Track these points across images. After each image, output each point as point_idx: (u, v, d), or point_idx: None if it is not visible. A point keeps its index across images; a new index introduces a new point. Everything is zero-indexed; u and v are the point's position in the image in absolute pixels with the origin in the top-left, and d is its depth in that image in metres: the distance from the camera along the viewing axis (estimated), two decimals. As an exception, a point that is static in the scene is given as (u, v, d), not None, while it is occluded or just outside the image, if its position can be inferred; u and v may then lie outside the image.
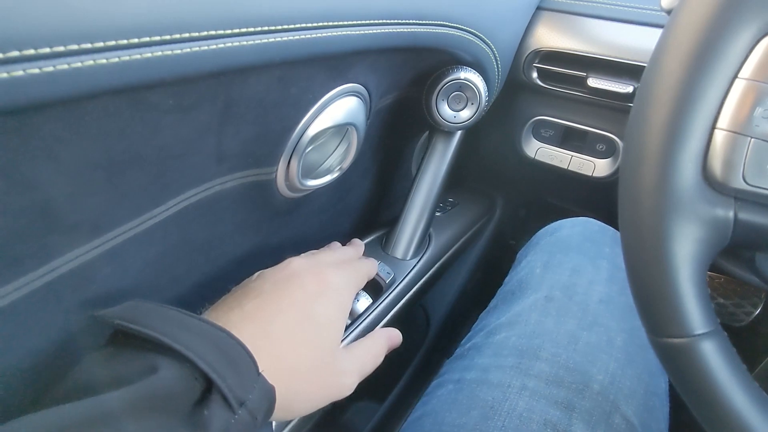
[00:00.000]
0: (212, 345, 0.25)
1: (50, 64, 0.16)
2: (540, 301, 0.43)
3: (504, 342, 0.41)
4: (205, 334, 0.26)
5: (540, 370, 0.38)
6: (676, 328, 0.25)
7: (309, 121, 0.34)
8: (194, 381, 0.24)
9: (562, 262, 0.46)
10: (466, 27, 0.41)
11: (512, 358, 0.39)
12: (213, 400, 0.24)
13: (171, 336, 0.24)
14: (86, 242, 0.25)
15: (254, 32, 0.24)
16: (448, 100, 0.45)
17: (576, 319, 0.41)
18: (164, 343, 0.24)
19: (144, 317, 0.25)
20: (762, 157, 0.23)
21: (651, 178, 0.24)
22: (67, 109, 0.19)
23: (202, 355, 0.24)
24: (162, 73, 0.20)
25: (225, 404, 0.24)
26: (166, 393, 0.23)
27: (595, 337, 0.39)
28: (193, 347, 0.24)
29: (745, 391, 0.25)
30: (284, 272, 0.34)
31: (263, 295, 0.32)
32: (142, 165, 0.25)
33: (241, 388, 0.25)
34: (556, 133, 0.60)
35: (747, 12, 0.22)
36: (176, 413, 0.23)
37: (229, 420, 0.24)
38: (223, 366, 0.24)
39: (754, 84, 0.23)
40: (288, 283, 0.33)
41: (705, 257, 0.25)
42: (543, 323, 0.41)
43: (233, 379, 0.24)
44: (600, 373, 0.37)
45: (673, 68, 0.23)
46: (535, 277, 0.46)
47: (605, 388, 0.37)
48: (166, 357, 0.24)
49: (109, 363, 0.24)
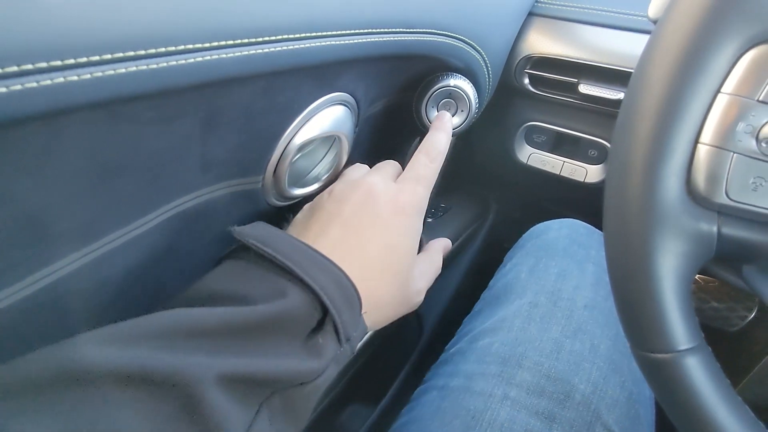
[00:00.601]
0: (333, 281, 0.28)
1: (18, 83, 0.16)
2: (525, 306, 0.43)
3: (487, 348, 0.41)
4: (327, 269, 0.28)
5: (522, 379, 0.38)
6: (660, 343, 0.25)
7: (295, 130, 0.34)
8: (314, 310, 0.26)
9: (549, 266, 0.46)
10: (456, 34, 0.41)
11: (495, 366, 0.39)
12: (327, 331, 0.27)
13: (300, 266, 0.27)
14: (70, 253, 0.25)
15: (236, 44, 0.24)
16: (438, 107, 0.45)
17: (560, 326, 0.41)
18: (294, 272, 0.26)
19: (275, 242, 0.28)
20: (744, 173, 0.23)
21: (635, 192, 0.24)
22: (45, 123, 0.19)
23: (325, 289, 0.27)
24: (140, 87, 0.20)
25: (335, 336, 0.27)
26: (292, 317, 0.25)
27: (579, 345, 0.39)
28: (318, 280, 0.27)
29: (729, 407, 0.25)
30: (360, 192, 0.34)
31: (345, 222, 0.33)
32: (125, 176, 0.25)
33: (351, 325, 0.28)
34: (549, 138, 0.60)
35: (729, 27, 0.22)
36: (296, 336, 0.26)
37: (336, 350, 0.27)
38: (341, 302, 0.27)
39: (736, 99, 0.22)
40: (366, 206, 0.33)
41: (689, 271, 0.25)
42: (527, 330, 0.41)
43: (346, 315, 0.27)
44: (582, 382, 0.37)
45: (656, 81, 0.23)
46: (521, 281, 0.46)
47: (587, 398, 0.37)
48: (295, 285, 0.26)
49: (240, 279, 0.27)
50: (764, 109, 0.22)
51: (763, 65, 0.22)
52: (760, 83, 0.22)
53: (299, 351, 0.26)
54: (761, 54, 0.22)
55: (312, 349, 0.26)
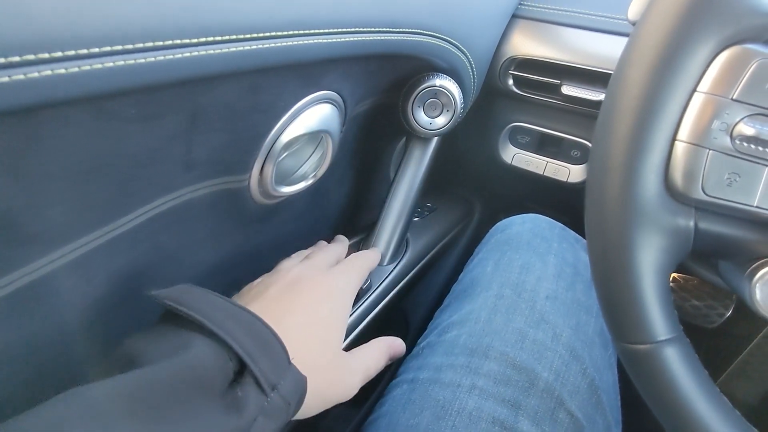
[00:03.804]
0: (246, 329, 0.26)
1: (4, 74, 0.16)
2: (490, 299, 0.44)
3: (455, 340, 0.42)
4: (239, 318, 0.26)
5: (489, 369, 0.38)
6: (640, 335, 0.26)
7: (281, 128, 0.34)
8: (228, 362, 0.24)
9: (513, 259, 0.47)
10: (441, 35, 0.41)
11: (463, 357, 0.40)
12: (246, 382, 0.24)
13: (208, 317, 0.25)
14: (47, 253, 0.25)
15: (221, 41, 0.24)
16: (424, 106, 0.45)
17: (524, 317, 0.42)
18: (200, 323, 0.25)
19: (190, 299, 0.26)
20: (720, 169, 0.24)
21: (615, 189, 0.25)
22: (21, 119, 0.18)
23: (235, 336, 0.25)
24: (123, 82, 0.20)
25: (257, 387, 0.25)
26: (199, 369, 0.23)
27: (542, 335, 0.40)
28: (226, 328, 0.25)
29: (706, 395, 0.25)
30: (286, 279, 0.35)
31: (269, 299, 0.33)
32: (106, 174, 0.25)
33: (273, 372, 0.25)
34: (532, 139, 0.60)
35: (704, 29, 0.22)
36: (210, 391, 0.23)
37: (263, 402, 0.24)
38: (256, 349, 0.25)
39: (711, 97, 0.23)
40: (292, 288, 0.34)
41: (667, 265, 0.26)
42: (492, 321, 0.42)
43: (265, 362, 0.25)
44: (545, 370, 0.38)
45: (635, 82, 0.24)
46: (487, 275, 0.47)
47: (550, 385, 0.38)
48: (203, 336, 0.25)
49: (154, 339, 0.25)
50: (738, 108, 0.23)
51: (737, 65, 0.23)
52: (733, 82, 0.23)
53: (216, 408, 0.23)
54: (734, 54, 0.23)
55: (231, 404, 0.24)
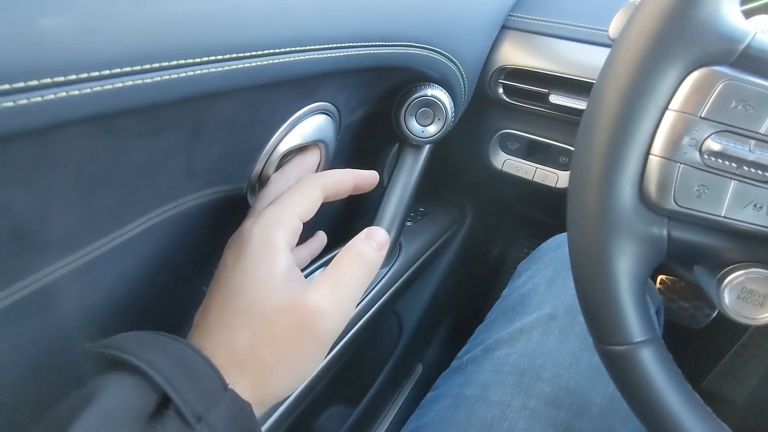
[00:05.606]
0: (171, 359, 0.24)
1: (24, 97, 0.17)
2: (543, 318, 0.43)
3: (505, 359, 0.41)
4: (167, 349, 0.25)
5: (541, 390, 0.38)
6: (617, 336, 0.27)
7: (279, 139, 0.36)
8: (151, 395, 0.23)
9: (567, 279, 0.46)
10: (432, 46, 0.43)
11: (513, 376, 0.39)
12: (168, 416, 0.23)
13: (130, 352, 0.24)
14: (56, 261, 0.26)
15: (223, 59, 0.25)
16: (416, 115, 0.47)
17: (579, 340, 0.41)
18: (119, 358, 0.23)
19: (121, 341, 0.25)
20: (690, 181, 0.25)
21: (593, 200, 0.26)
22: (38, 137, 0.20)
23: (156, 366, 0.23)
24: (133, 101, 0.22)
25: (180, 419, 0.23)
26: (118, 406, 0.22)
27: (597, 359, 0.40)
28: (148, 359, 0.23)
29: (679, 393, 0.27)
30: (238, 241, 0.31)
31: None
32: (112, 185, 0.26)
33: (201, 402, 0.23)
34: (522, 145, 0.62)
35: (674, 51, 0.24)
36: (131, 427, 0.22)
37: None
38: (180, 379, 0.23)
39: (681, 115, 0.25)
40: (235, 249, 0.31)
41: (643, 271, 0.28)
42: (545, 342, 0.41)
43: (190, 393, 0.23)
44: (599, 395, 0.38)
45: (611, 98, 0.25)
46: (539, 294, 0.46)
47: (603, 411, 0.37)
48: (123, 373, 0.23)
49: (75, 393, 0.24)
50: (706, 125, 0.25)
51: (705, 85, 0.25)
52: (702, 101, 0.25)
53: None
54: (703, 75, 0.25)
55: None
